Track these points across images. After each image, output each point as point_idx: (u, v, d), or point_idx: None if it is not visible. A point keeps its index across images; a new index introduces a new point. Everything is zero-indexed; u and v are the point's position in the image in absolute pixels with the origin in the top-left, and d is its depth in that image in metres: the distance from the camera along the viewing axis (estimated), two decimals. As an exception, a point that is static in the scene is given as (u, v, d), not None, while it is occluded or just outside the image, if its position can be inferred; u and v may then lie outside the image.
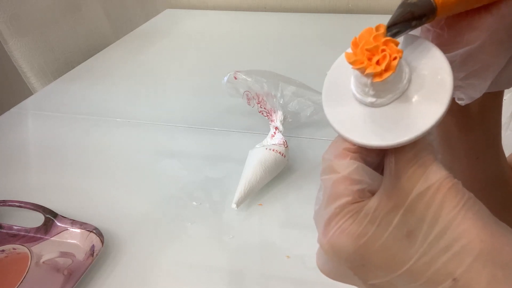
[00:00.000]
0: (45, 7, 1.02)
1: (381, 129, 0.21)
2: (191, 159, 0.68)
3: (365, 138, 0.21)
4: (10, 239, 0.53)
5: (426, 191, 0.20)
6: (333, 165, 0.21)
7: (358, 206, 0.20)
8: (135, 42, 1.18)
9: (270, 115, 0.67)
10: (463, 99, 0.24)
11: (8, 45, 0.94)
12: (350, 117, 0.22)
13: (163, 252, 0.51)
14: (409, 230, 0.20)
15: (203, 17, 1.35)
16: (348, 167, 0.21)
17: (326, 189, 0.21)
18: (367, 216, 0.20)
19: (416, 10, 0.20)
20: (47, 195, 0.61)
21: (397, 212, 0.20)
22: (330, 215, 0.21)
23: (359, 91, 0.22)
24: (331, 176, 0.21)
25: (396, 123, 0.21)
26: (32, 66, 0.99)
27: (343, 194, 0.21)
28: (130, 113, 0.82)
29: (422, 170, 0.20)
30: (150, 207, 0.58)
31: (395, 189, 0.20)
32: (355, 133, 0.21)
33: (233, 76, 0.70)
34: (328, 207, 0.21)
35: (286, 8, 1.35)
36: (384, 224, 0.20)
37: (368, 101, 0.22)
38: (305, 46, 1.07)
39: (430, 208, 0.20)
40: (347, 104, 0.22)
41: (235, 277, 0.47)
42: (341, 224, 0.20)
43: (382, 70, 0.20)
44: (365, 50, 0.20)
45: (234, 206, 0.54)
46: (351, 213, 0.20)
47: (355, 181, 0.21)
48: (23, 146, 0.75)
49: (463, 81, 0.23)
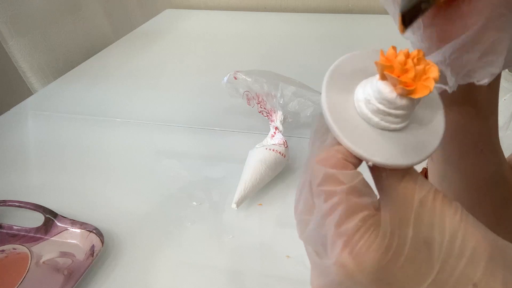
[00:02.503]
0: (45, 7, 1.02)
1: (392, 149, 0.20)
2: (191, 159, 0.68)
3: (379, 156, 0.20)
4: (10, 239, 0.53)
5: (425, 200, 0.20)
6: (337, 175, 0.20)
7: (376, 219, 0.19)
8: (135, 42, 1.18)
9: (270, 115, 0.67)
10: (485, 79, 0.24)
11: (8, 45, 0.94)
12: (356, 128, 0.21)
13: (163, 252, 0.51)
14: (425, 239, 0.19)
15: (203, 17, 1.35)
16: (355, 177, 0.20)
17: (335, 201, 0.19)
18: (387, 229, 0.19)
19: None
20: (47, 195, 0.61)
21: (409, 222, 0.20)
22: (352, 230, 0.19)
23: (372, 106, 0.20)
24: (337, 187, 0.19)
25: (404, 146, 0.21)
26: (32, 66, 0.98)
27: (360, 206, 0.19)
28: (130, 113, 0.82)
29: (412, 182, 0.21)
30: (150, 207, 0.58)
31: (397, 201, 0.20)
32: (367, 148, 0.20)
33: (233, 76, 0.70)
34: (346, 221, 0.19)
35: (286, 8, 1.35)
36: (403, 236, 0.19)
37: (375, 120, 0.21)
38: (305, 46, 1.07)
39: (434, 216, 0.20)
40: (349, 114, 0.21)
41: (235, 277, 0.47)
42: (366, 238, 0.19)
43: (422, 86, 0.19)
44: (401, 65, 0.19)
45: (234, 206, 0.54)
46: (373, 227, 0.19)
47: (365, 193, 0.20)
48: (23, 146, 0.75)
49: (480, 61, 0.23)
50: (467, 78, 0.25)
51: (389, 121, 0.20)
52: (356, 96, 0.21)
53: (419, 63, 0.19)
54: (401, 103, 0.20)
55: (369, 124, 0.21)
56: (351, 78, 0.22)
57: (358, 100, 0.21)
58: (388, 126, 0.21)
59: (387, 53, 0.20)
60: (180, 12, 1.40)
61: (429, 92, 0.19)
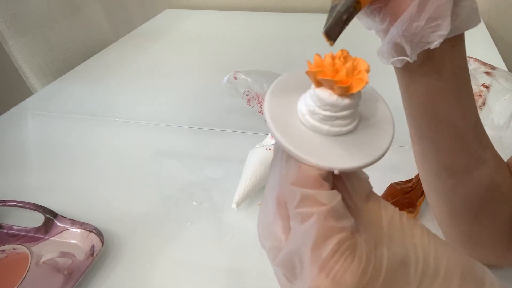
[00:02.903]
0: (45, 7, 1.02)
1: (352, 151, 0.20)
2: (191, 159, 0.68)
3: (344, 162, 0.20)
4: (10, 239, 0.53)
5: (392, 220, 0.21)
6: (315, 196, 0.19)
7: (353, 242, 0.19)
8: (135, 42, 1.18)
9: (270, 115, 0.67)
10: (435, 40, 0.27)
11: (8, 45, 0.94)
12: (310, 142, 0.21)
13: (163, 252, 0.51)
14: (400, 259, 0.20)
15: (203, 17, 1.35)
16: (334, 198, 0.19)
17: (311, 224, 0.19)
18: (362, 251, 0.19)
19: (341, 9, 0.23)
20: (47, 195, 0.61)
21: (382, 243, 0.20)
22: (328, 253, 0.19)
23: (318, 116, 0.20)
24: (316, 209, 0.19)
25: (363, 144, 0.21)
26: (32, 66, 0.98)
27: (336, 229, 0.19)
28: (130, 113, 0.82)
29: (377, 203, 0.21)
30: (150, 207, 0.58)
31: (367, 223, 0.20)
32: (327, 159, 0.20)
33: (233, 76, 0.70)
34: (322, 244, 0.19)
35: (286, 8, 1.35)
36: (379, 257, 0.19)
37: (326, 128, 0.21)
38: (305, 46, 1.07)
39: (404, 236, 0.20)
40: (299, 130, 0.21)
41: (235, 277, 0.47)
42: (342, 262, 0.19)
43: (357, 80, 0.19)
44: (331, 66, 0.20)
45: (234, 206, 0.54)
46: (349, 250, 0.19)
47: (342, 215, 0.19)
48: (23, 146, 0.75)
49: (428, 26, 0.26)
50: (422, 45, 0.27)
51: (339, 125, 0.20)
52: (300, 110, 0.22)
53: (346, 60, 0.20)
54: (344, 103, 0.20)
55: (321, 134, 0.21)
56: (290, 96, 0.22)
57: (303, 114, 0.21)
58: (340, 130, 0.21)
59: (314, 61, 0.20)
60: (180, 12, 1.40)
61: (365, 83, 0.19)
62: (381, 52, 0.30)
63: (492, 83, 0.61)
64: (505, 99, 0.59)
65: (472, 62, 0.68)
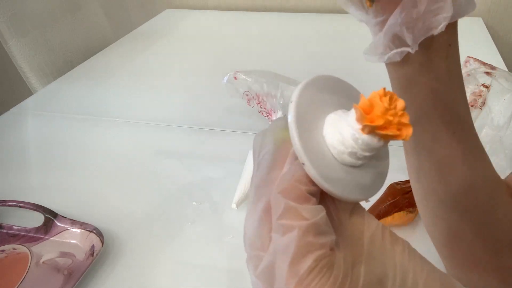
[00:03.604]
0: (45, 7, 1.02)
1: (352, 183, 0.21)
2: (191, 159, 0.68)
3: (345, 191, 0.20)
4: (10, 239, 0.53)
5: (374, 237, 0.20)
6: (298, 210, 0.19)
7: (330, 259, 0.19)
8: (135, 42, 1.18)
9: (270, 115, 0.67)
10: (440, 24, 0.25)
11: (8, 45, 0.94)
12: (323, 160, 0.21)
13: (163, 252, 0.51)
14: (378, 278, 0.20)
15: (203, 17, 1.35)
16: (317, 213, 0.19)
17: (291, 237, 0.19)
18: (340, 269, 0.19)
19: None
20: (47, 195, 0.61)
21: (361, 261, 0.20)
22: (305, 270, 0.18)
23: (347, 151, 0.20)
24: (297, 223, 0.19)
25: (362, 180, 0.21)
26: (32, 66, 0.99)
27: (315, 246, 0.19)
28: (130, 113, 0.82)
29: (360, 217, 0.21)
30: (150, 207, 0.58)
31: (348, 239, 0.20)
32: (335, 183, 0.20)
33: (233, 76, 0.70)
34: (301, 260, 0.18)
35: (286, 8, 1.35)
36: (356, 276, 0.19)
37: (352, 162, 0.21)
38: (305, 46, 1.07)
39: (385, 253, 0.20)
40: (320, 145, 0.21)
41: (235, 277, 0.47)
42: (319, 280, 0.18)
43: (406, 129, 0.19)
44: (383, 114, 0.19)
45: (234, 206, 0.54)
46: (326, 267, 0.19)
47: (323, 231, 0.19)
48: (23, 146, 0.75)
49: (429, 10, 0.25)
50: (424, 32, 0.26)
51: (357, 158, 0.20)
52: (327, 129, 0.21)
53: (391, 102, 0.19)
54: (378, 146, 0.20)
55: (336, 159, 0.21)
56: (319, 106, 0.22)
57: (330, 135, 0.21)
58: (355, 162, 0.21)
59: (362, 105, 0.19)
60: (180, 12, 1.40)
61: (411, 131, 0.19)
62: (374, 47, 0.29)
63: (492, 83, 0.61)
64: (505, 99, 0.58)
65: (472, 62, 0.68)
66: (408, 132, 0.19)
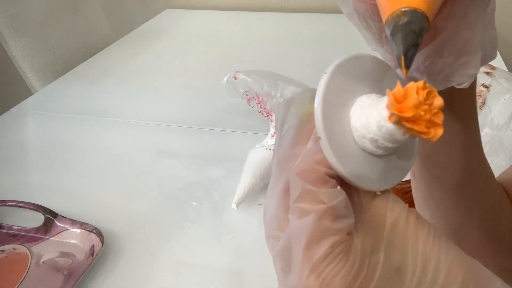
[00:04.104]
0: (45, 7, 1.02)
1: (372, 172, 0.20)
2: (191, 159, 0.68)
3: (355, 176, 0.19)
4: (10, 239, 0.53)
5: (396, 222, 0.19)
6: (316, 193, 0.18)
7: (347, 245, 0.18)
8: (135, 42, 1.18)
9: (270, 115, 0.67)
10: (464, 82, 0.23)
11: (8, 45, 0.94)
12: (344, 145, 0.20)
13: (163, 252, 0.51)
14: (397, 266, 0.19)
15: (203, 17, 1.35)
16: (335, 197, 0.18)
17: (307, 222, 0.18)
18: (357, 256, 0.18)
19: (415, 27, 0.19)
20: (47, 195, 0.61)
21: (380, 248, 0.19)
22: (320, 256, 0.18)
23: (371, 138, 0.20)
24: (314, 207, 0.18)
25: (382, 171, 0.20)
26: (32, 66, 0.98)
27: (332, 231, 0.18)
28: (130, 113, 0.82)
29: (384, 201, 0.20)
30: (150, 207, 0.58)
31: (369, 224, 0.19)
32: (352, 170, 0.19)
33: (233, 76, 0.70)
34: (315, 245, 0.18)
35: (286, 8, 1.35)
36: (373, 263, 0.19)
37: (372, 150, 0.20)
38: (305, 46, 1.07)
39: (407, 239, 0.19)
40: (343, 129, 0.20)
41: (235, 277, 0.47)
42: (334, 266, 0.18)
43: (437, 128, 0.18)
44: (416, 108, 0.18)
45: (234, 206, 0.54)
46: (342, 253, 0.18)
47: (341, 215, 0.18)
48: (23, 146, 0.75)
49: (456, 63, 0.23)
50: (446, 83, 0.24)
51: (377, 147, 0.20)
52: (355, 110, 0.20)
53: (428, 97, 0.18)
54: (401, 139, 0.19)
55: (356, 143, 0.20)
56: (352, 86, 0.20)
57: (355, 117, 0.20)
58: (374, 150, 0.20)
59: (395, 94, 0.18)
60: (180, 12, 1.40)
61: (441, 132, 0.18)
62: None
63: (492, 83, 0.61)
64: (505, 99, 0.58)
65: (472, 62, 0.68)
66: (437, 133, 0.18)
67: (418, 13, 0.18)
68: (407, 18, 0.19)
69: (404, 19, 0.19)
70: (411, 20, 0.18)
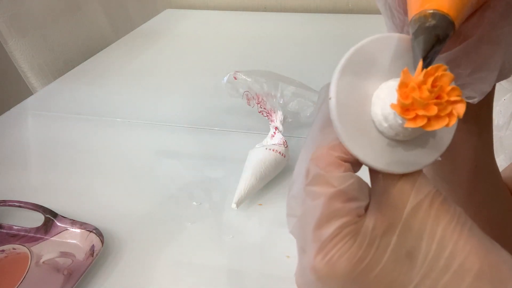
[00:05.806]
0: (45, 7, 1.02)
1: (391, 156, 0.19)
2: (191, 159, 0.68)
3: (377, 162, 0.19)
4: (10, 239, 0.53)
5: (419, 205, 0.19)
6: (327, 177, 0.19)
7: (356, 227, 0.19)
8: (135, 42, 1.18)
9: (270, 115, 0.67)
10: (475, 97, 0.23)
11: (8, 45, 0.94)
12: (360, 128, 0.19)
13: (163, 252, 0.51)
14: (408, 250, 0.19)
15: (203, 17, 1.35)
16: (345, 181, 0.19)
17: (318, 204, 0.19)
18: (365, 237, 0.18)
19: (440, 32, 0.18)
20: (47, 195, 0.61)
21: (394, 231, 0.19)
22: (328, 236, 0.18)
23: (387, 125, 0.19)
24: (324, 190, 0.19)
25: (405, 155, 0.20)
26: (32, 66, 0.98)
27: (341, 213, 0.18)
28: (130, 113, 0.82)
29: (410, 183, 0.19)
30: (150, 207, 0.58)
31: (387, 206, 0.19)
32: (367, 153, 0.19)
33: (232, 76, 0.70)
34: (324, 226, 0.18)
35: (286, 8, 1.35)
36: (383, 246, 0.19)
37: (391, 135, 0.19)
38: (305, 46, 1.07)
39: (427, 224, 0.19)
40: (362, 112, 0.19)
41: (235, 277, 0.47)
42: (340, 246, 0.18)
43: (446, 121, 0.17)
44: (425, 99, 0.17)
45: (234, 206, 0.54)
46: (350, 235, 0.18)
47: (352, 198, 0.19)
48: (23, 146, 0.75)
49: (471, 76, 0.22)
50: None
51: (399, 134, 0.19)
52: (378, 96, 0.19)
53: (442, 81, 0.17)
54: (400, 127, 0.18)
55: (376, 127, 0.19)
56: (377, 69, 0.20)
57: (376, 100, 0.19)
58: (395, 137, 0.19)
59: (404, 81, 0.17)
60: (180, 12, 1.40)
61: (456, 120, 0.17)
62: None
63: (492, 83, 0.61)
64: (505, 99, 0.58)
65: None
66: (435, 127, 0.17)
67: (446, 18, 0.18)
68: (434, 22, 0.18)
69: (431, 22, 0.18)
70: (438, 24, 0.18)
